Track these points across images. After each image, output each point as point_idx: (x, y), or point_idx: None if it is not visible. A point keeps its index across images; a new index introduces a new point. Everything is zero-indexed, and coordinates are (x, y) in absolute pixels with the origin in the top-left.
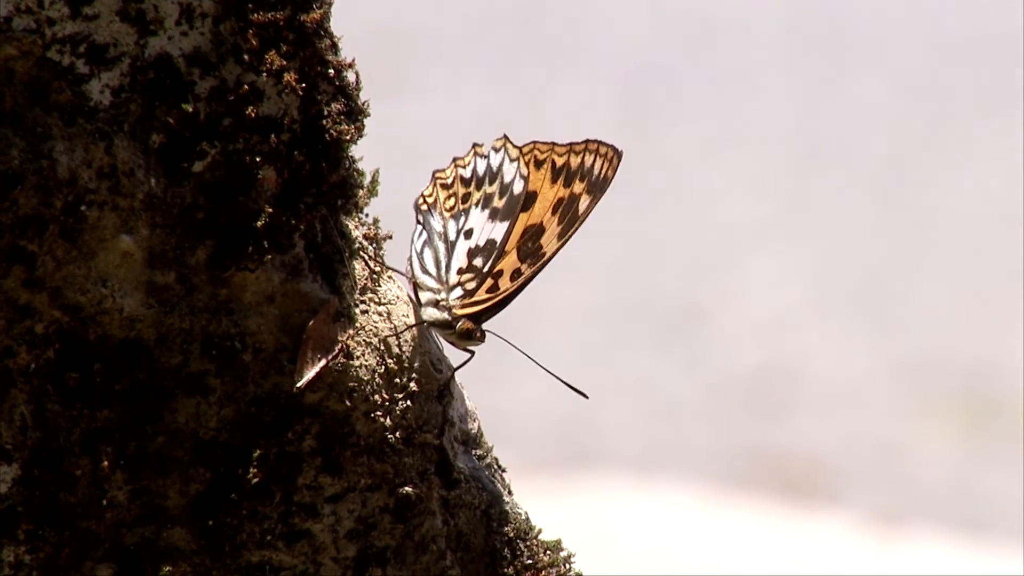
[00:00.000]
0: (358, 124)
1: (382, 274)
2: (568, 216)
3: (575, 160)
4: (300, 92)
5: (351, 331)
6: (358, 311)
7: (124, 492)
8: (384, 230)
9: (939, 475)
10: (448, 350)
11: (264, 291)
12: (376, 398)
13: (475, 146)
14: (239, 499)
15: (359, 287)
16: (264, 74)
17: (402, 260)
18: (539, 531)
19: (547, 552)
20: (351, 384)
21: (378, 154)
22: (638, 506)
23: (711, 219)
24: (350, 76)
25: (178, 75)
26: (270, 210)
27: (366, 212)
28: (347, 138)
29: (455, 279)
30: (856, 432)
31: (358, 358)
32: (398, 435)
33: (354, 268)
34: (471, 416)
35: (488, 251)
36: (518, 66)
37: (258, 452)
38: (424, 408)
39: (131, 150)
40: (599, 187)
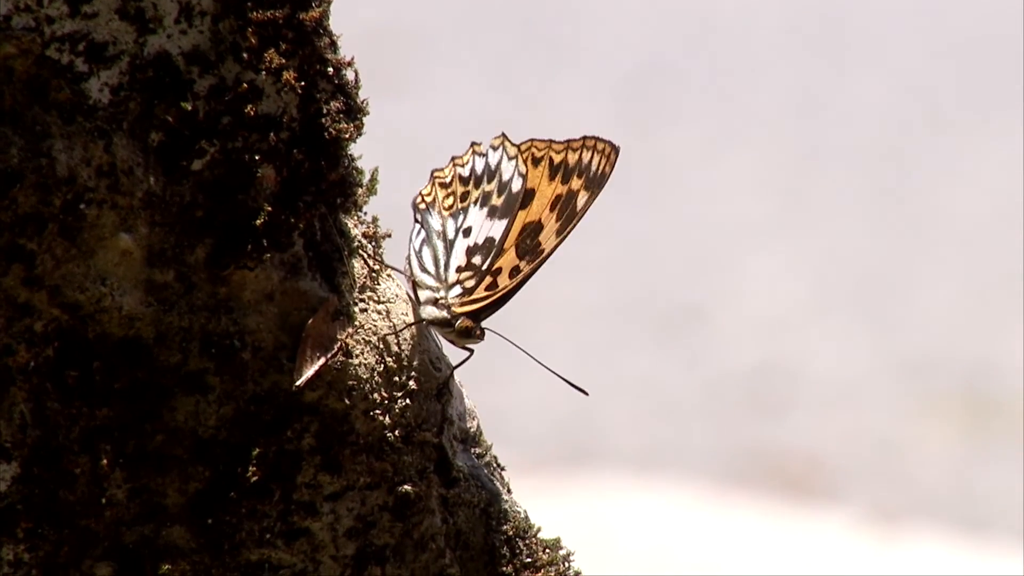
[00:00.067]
0: (357, 122)
1: (381, 272)
2: (566, 212)
3: (573, 156)
4: (299, 90)
5: (350, 329)
6: (357, 309)
7: (123, 490)
8: (383, 228)
9: (938, 474)
10: (447, 348)
11: (263, 289)
12: (375, 396)
13: (473, 145)
14: (238, 497)
15: (358, 285)
16: (263, 72)
17: (401, 258)
18: (538, 529)
19: (546, 550)
20: (350, 382)
21: (377, 152)
22: (637, 505)
23: (711, 218)
24: (349, 74)
25: (177, 73)
26: (269, 208)
27: (365, 210)
28: (346, 136)
29: (454, 277)
30: (855, 431)
31: (357, 356)
32: (397, 433)
33: (353, 266)
34: (470, 414)
35: (487, 249)
36: (517, 65)
37: (257, 450)
38: (423, 406)
39: (130, 148)
40: (597, 183)
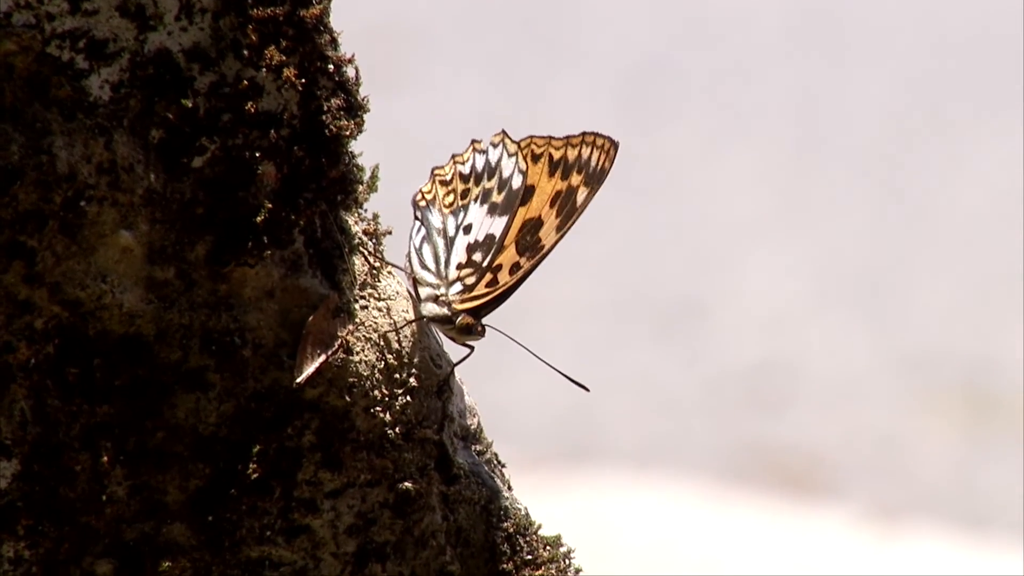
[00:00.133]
0: (358, 120)
1: (382, 270)
2: (566, 208)
3: (572, 153)
4: (300, 88)
5: (351, 327)
6: (358, 307)
7: (124, 487)
8: (384, 226)
9: (939, 470)
10: (448, 346)
11: (264, 287)
12: (376, 394)
13: (474, 142)
14: (239, 495)
15: (359, 283)
16: (264, 70)
17: (401, 256)
18: (539, 526)
19: (547, 547)
20: (351, 380)
21: (378, 150)
22: (638, 501)
23: (711, 215)
24: (350, 72)
25: (178, 70)
26: (270, 206)
27: (366, 208)
28: (347, 134)
29: (454, 274)
30: (855, 427)
31: (358, 354)
32: (398, 430)
33: (354, 264)
34: (471, 411)
35: (487, 246)
36: (518, 62)
37: (258, 448)
38: (424, 404)
39: (131, 145)
40: (597, 179)
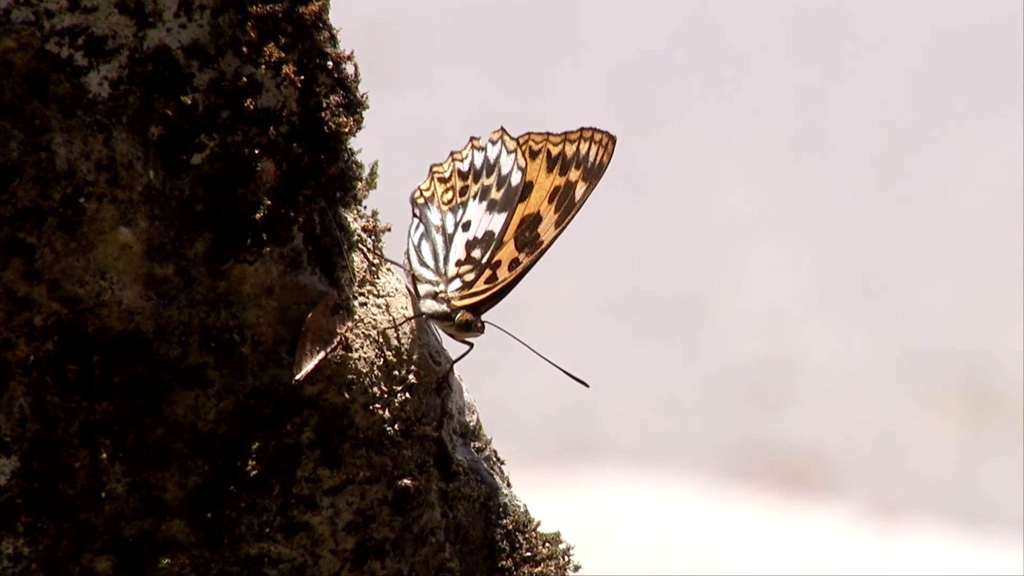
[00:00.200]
0: (357, 116)
1: (381, 267)
2: (565, 204)
3: (570, 148)
4: (299, 84)
5: (350, 323)
6: (357, 303)
7: (123, 484)
8: (383, 222)
9: (938, 467)
10: (447, 342)
11: (263, 283)
12: (375, 390)
13: (472, 139)
14: (238, 491)
15: (358, 279)
16: (263, 66)
17: (400, 253)
18: (538, 523)
19: (546, 545)
20: (350, 376)
21: (377, 146)
22: (637, 498)
23: (710, 212)
24: (349, 68)
25: (177, 67)
26: (269, 202)
27: (365, 204)
28: (346, 130)
29: (453, 271)
30: (855, 424)
31: (357, 350)
32: (397, 427)
33: (353, 261)
34: (470, 408)
35: (486, 243)
36: (517, 59)
37: (257, 444)
38: (423, 400)
39: (130, 142)
40: (595, 174)
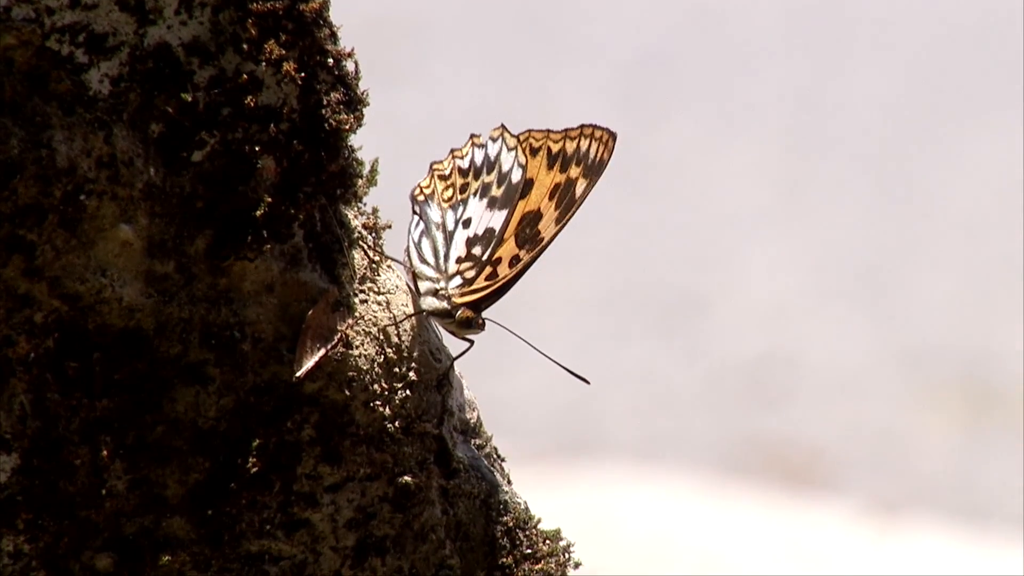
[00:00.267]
0: (357, 113)
1: (381, 263)
2: (565, 201)
3: (570, 145)
4: (299, 81)
5: (350, 320)
6: (357, 301)
7: (123, 481)
8: (383, 219)
9: (938, 464)
10: (447, 340)
11: (263, 280)
12: (375, 387)
13: (472, 137)
14: (238, 489)
15: (358, 277)
16: (263, 63)
17: (401, 250)
18: (538, 520)
19: (546, 542)
20: (350, 373)
21: (377, 143)
22: (637, 495)
23: (711, 208)
24: (349, 65)
25: (177, 64)
26: (269, 199)
27: (365, 201)
28: (346, 127)
29: (454, 268)
30: (855, 421)
31: (357, 347)
32: (397, 424)
33: (353, 258)
34: (470, 405)
35: (487, 240)
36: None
37: (257, 441)
38: (423, 398)
39: (130, 139)
40: (595, 170)
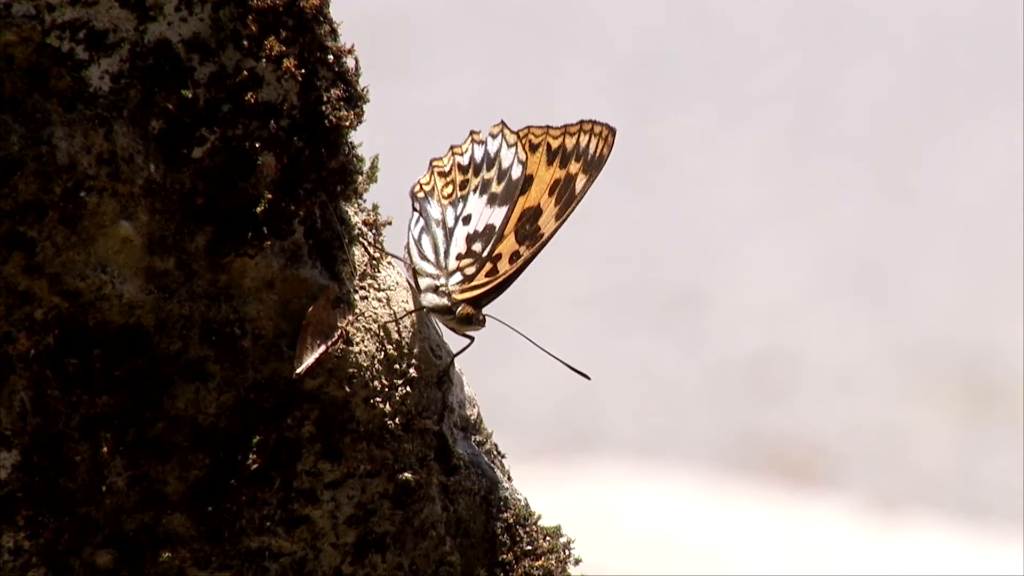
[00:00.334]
0: (357, 110)
1: (381, 260)
2: (565, 196)
3: (570, 141)
4: (299, 78)
5: (350, 317)
6: (357, 297)
7: (123, 478)
8: (384, 216)
9: (939, 460)
10: (447, 336)
11: (264, 277)
12: (376, 384)
13: (472, 133)
14: (238, 485)
15: (359, 273)
16: (263, 60)
17: (401, 247)
18: (539, 517)
19: (547, 538)
20: (350, 370)
21: (377, 140)
22: (638, 491)
23: (711, 204)
24: (349, 62)
25: (177, 61)
26: (269, 196)
27: (365, 198)
28: (346, 124)
29: (454, 265)
30: (856, 417)
31: (357, 344)
32: (397, 421)
33: (353, 254)
34: (470, 402)
35: (487, 236)
36: (517, 52)
37: (257, 438)
38: (423, 394)
39: (131, 136)
40: (595, 166)
